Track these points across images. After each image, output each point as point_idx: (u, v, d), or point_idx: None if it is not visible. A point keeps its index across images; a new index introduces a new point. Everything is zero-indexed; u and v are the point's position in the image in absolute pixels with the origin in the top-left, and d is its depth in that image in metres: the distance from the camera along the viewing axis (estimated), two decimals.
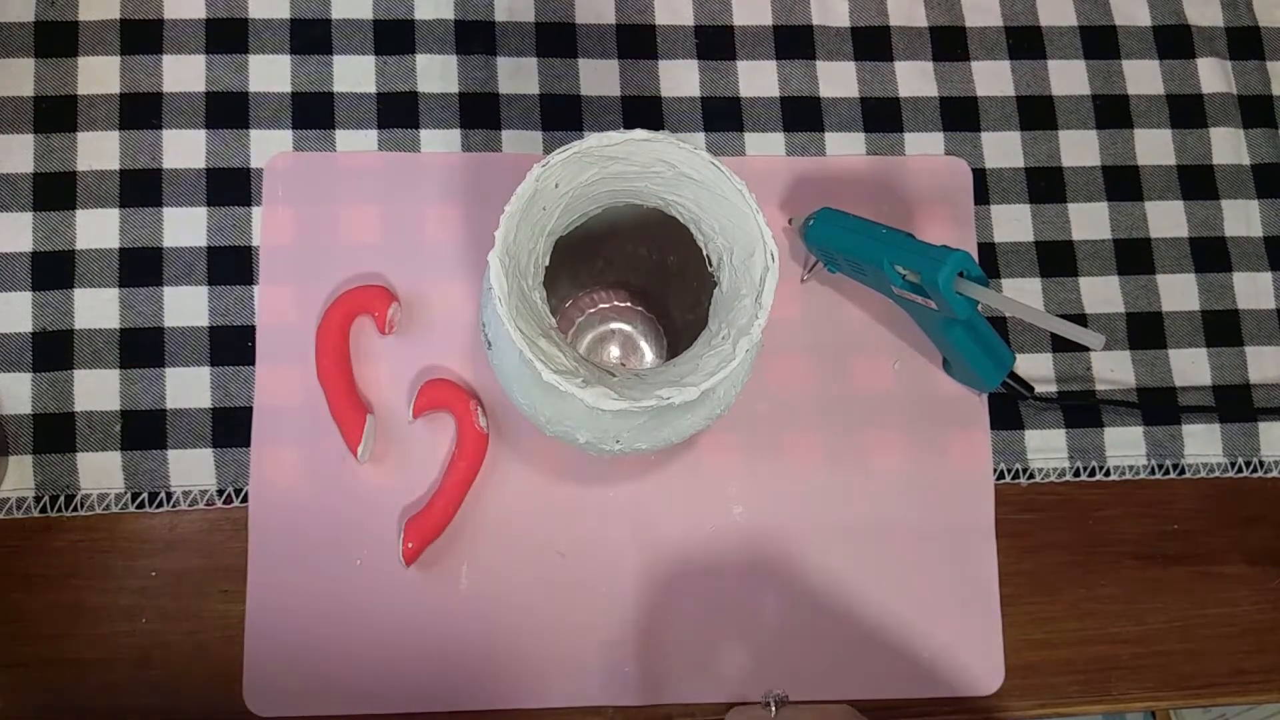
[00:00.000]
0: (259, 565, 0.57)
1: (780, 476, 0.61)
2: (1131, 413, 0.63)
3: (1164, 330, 0.65)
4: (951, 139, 0.66)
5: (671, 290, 0.60)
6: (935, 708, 0.59)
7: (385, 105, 0.63)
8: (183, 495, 0.58)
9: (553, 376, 0.42)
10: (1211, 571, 0.62)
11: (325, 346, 0.58)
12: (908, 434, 0.62)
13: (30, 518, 0.57)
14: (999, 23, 0.68)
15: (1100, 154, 0.67)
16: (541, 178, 0.44)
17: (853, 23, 0.67)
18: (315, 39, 0.63)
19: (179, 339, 0.59)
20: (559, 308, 0.61)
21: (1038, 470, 0.62)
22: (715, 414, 0.50)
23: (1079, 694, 0.60)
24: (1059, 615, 0.61)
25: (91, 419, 0.58)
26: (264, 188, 0.61)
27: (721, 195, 0.45)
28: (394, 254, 0.61)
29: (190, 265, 0.60)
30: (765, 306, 0.44)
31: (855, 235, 0.56)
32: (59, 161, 0.61)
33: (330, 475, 0.58)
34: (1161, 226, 0.66)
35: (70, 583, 0.57)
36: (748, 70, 0.66)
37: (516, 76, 0.64)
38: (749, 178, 0.46)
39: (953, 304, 0.51)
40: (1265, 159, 0.67)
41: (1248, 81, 0.69)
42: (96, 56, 0.62)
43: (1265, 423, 0.64)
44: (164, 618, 0.57)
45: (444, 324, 0.60)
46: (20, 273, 0.59)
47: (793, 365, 0.62)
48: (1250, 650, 0.62)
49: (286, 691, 0.56)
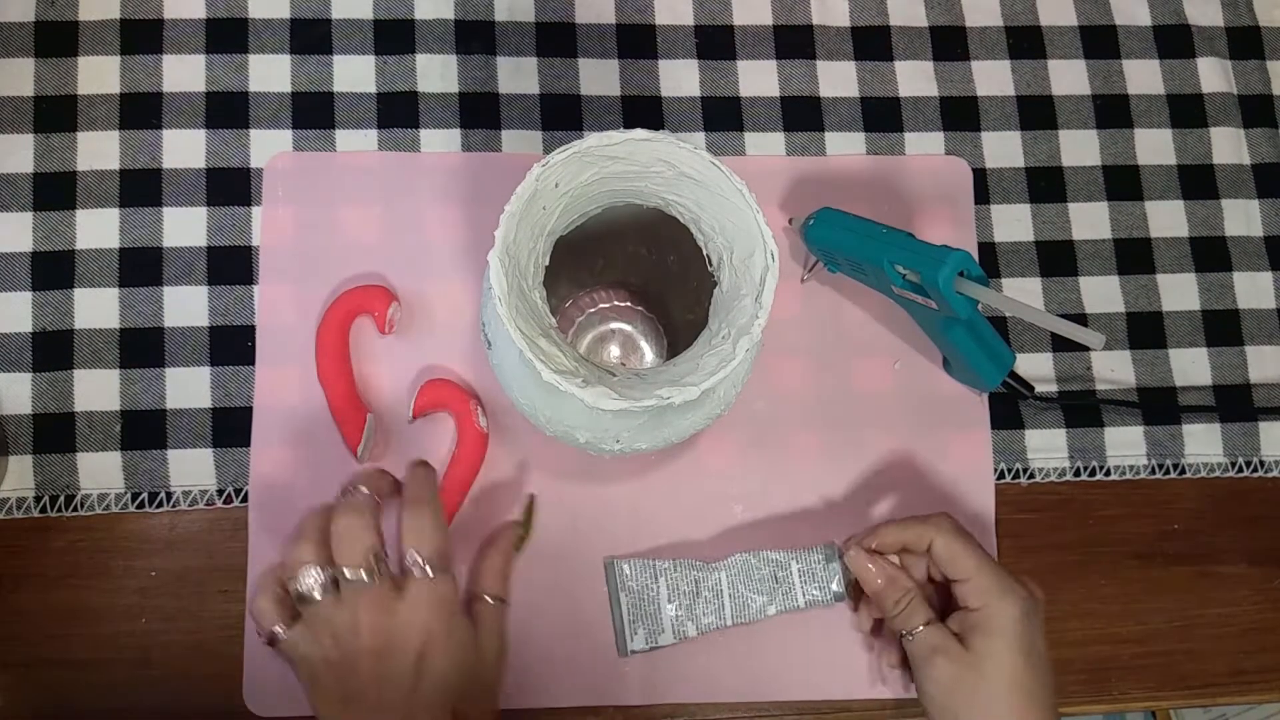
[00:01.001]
0: (259, 565, 0.57)
1: (780, 476, 0.61)
2: (1132, 412, 0.63)
3: (1164, 330, 0.65)
4: (951, 139, 0.66)
5: (671, 290, 0.60)
6: None
7: (385, 105, 0.63)
8: (183, 495, 0.58)
9: (553, 376, 0.42)
10: (1211, 571, 0.62)
11: (325, 346, 0.58)
12: (908, 434, 0.62)
13: (30, 518, 0.57)
14: (999, 23, 0.68)
15: (1100, 154, 0.67)
16: (541, 177, 0.44)
17: (853, 22, 0.67)
18: (315, 39, 0.63)
19: (179, 339, 0.59)
20: (559, 308, 0.61)
21: (1038, 470, 0.62)
22: (715, 414, 0.50)
23: (1079, 694, 0.60)
24: (1059, 615, 0.61)
25: (91, 419, 0.58)
26: (264, 188, 0.61)
27: (721, 195, 0.45)
28: (394, 254, 0.61)
29: (190, 265, 0.60)
30: (765, 306, 0.44)
31: (855, 235, 0.56)
32: (59, 161, 0.61)
33: (330, 475, 0.58)
34: (1162, 226, 0.66)
35: (70, 583, 0.57)
36: (748, 70, 0.66)
37: (516, 76, 0.64)
38: (749, 178, 0.46)
39: (953, 304, 0.51)
40: (1265, 159, 0.67)
41: (1248, 81, 0.69)
42: (96, 56, 0.62)
43: (1265, 422, 0.64)
44: (164, 618, 0.57)
45: (444, 324, 0.60)
46: (20, 273, 0.59)
47: (793, 365, 0.62)
48: (1250, 650, 0.62)
49: (286, 691, 0.56)
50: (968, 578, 0.51)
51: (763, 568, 0.57)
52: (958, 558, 0.51)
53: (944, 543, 0.51)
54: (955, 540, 0.51)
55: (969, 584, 0.51)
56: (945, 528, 0.52)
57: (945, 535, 0.52)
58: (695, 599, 0.57)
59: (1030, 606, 0.50)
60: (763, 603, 0.56)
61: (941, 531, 0.52)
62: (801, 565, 0.57)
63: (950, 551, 0.51)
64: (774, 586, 0.57)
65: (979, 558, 0.51)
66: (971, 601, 0.50)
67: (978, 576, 0.50)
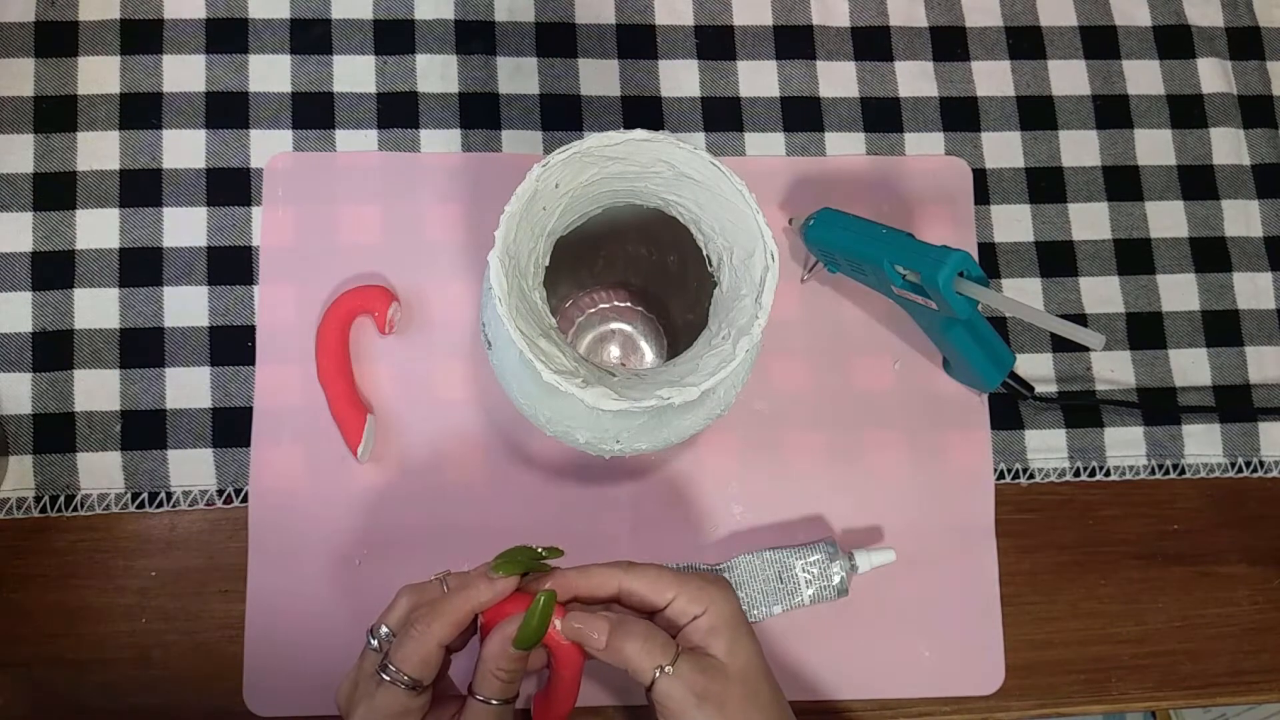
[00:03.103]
0: (259, 565, 0.57)
1: (780, 476, 0.61)
2: (1131, 413, 0.63)
3: (1164, 330, 0.65)
4: (951, 139, 0.66)
5: (671, 290, 0.60)
6: (935, 708, 0.59)
7: (385, 105, 0.63)
8: (183, 495, 0.58)
9: (553, 376, 0.42)
10: (1211, 571, 0.62)
11: (325, 346, 0.58)
12: (908, 434, 0.62)
13: (30, 518, 0.57)
14: (999, 23, 0.68)
15: (1100, 154, 0.67)
16: (541, 178, 0.44)
17: (853, 23, 0.67)
18: (315, 39, 0.63)
19: (179, 339, 0.59)
20: (559, 308, 0.61)
21: (1038, 470, 0.62)
22: (715, 414, 0.50)
23: (1079, 694, 0.60)
24: (1059, 615, 0.61)
25: (91, 419, 0.58)
26: (264, 188, 0.61)
27: (721, 195, 0.45)
28: (394, 254, 0.61)
29: (190, 265, 0.60)
30: (765, 306, 0.44)
31: (855, 235, 0.56)
32: (59, 161, 0.61)
33: (330, 475, 0.58)
34: (1161, 226, 0.66)
35: (70, 583, 0.57)
36: (748, 70, 0.66)
37: (516, 76, 0.64)
38: (749, 178, 0.46)
39: (953, 304, 0.51)
40: (1265, 159, 0.67)
41: (1248, 81, 0.69)
42: (96, 56, 0.62)
43: (1265, 423, 0.64)
44: (164, 618, 0.57)
45: (444, 324, 0.60)
46: (20, 273, 0.59)
47: (793, 365, 0.62)
48: (1250, 650, 0.62)
49: (286, 691, 0.56)
50: (675, 593, 0.47)
51: (767, 568, 0.57)
52: (655, 582, 0.47)
53: (634, 576, 0.47)
54: (644, 569, 0.47)
55: (678, 599, 0.46)
56: (625, 565, 0.48)
57: (631, 570, 0.47)
58: None
59: (736, 599, 0.48)
60: (769, 603, 0.56)
61: (625, 569, 0.47)
62: (804, 563, 0.57)
63: (645, 580, 0.47)
64: (779, 586, 0.57)
65: (672, 573, 0.47)
66: (692, 609, 0.46)
67: (684, 587, 0.47)
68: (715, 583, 0.47)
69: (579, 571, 0.47)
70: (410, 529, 0.58)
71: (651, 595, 0.47)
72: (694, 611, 0.46)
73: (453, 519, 0.58)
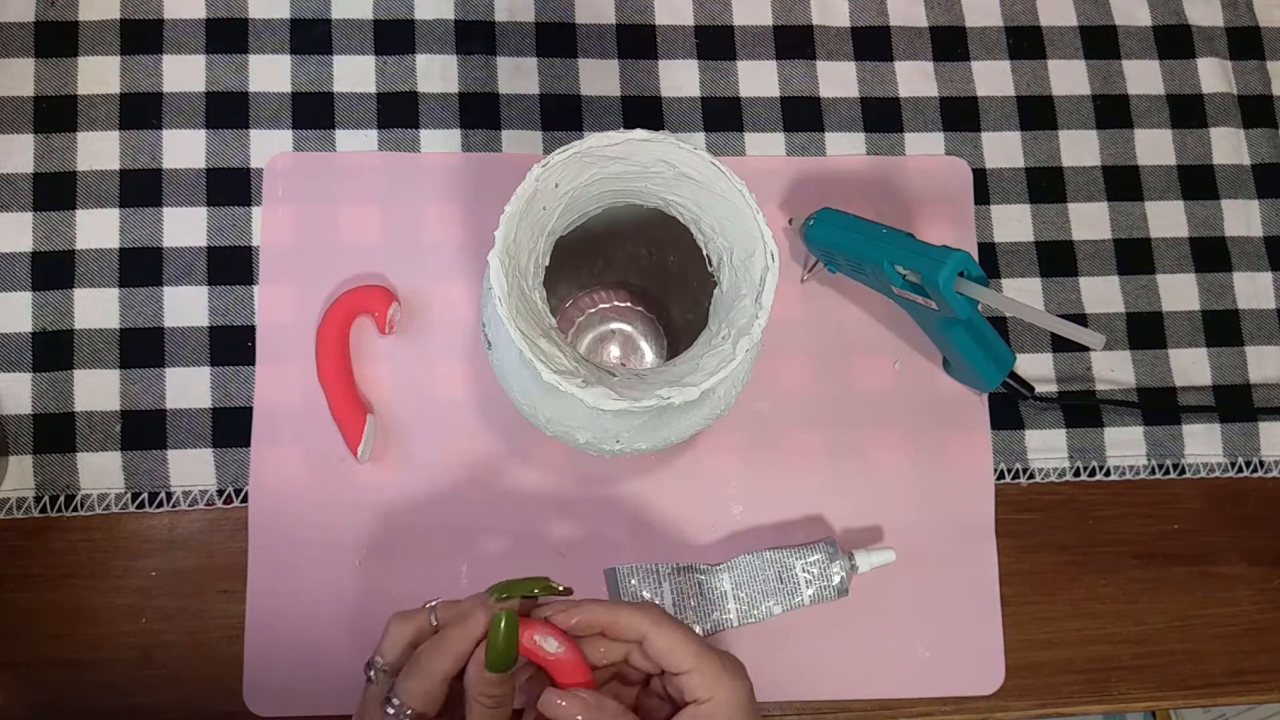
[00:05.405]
0: (259, 565, 0.57)
1: (780, 476, 0.61)
2: (1131, 413, 0.63)
3: (1164, 330, 0.65)
4: (951, 139, 0.66)
5: (671, 290, 0.60)
6: (935, 708, 0.59)
7: (385, 105, 0.63)
8: (183, 495, 0.58)
9: (553, 376, 0.42)
10: (1211, 571, 0.62)
11: (325, 346, 0.58)
12: (908, 434, 0.62)
13: (30, 518, 0.57)
14: (999, 23, 0.68)
15: (1100, 154, 0.67)
16: (541, 178, 0.44)
17: (853, 23, 0.67)
18: (315, 39, 0.63)
19: (179, 339, 0.59)
20: (559, 308, 0.61)
21: (1038, 470, 0.62)
22: (715, 414, 0.50)
23: (1079, 694, 0.60)
24: (1059, 615, 0.61)
25: (91, 419, 0.58)
26: (264, 188, 0.61)
27: (721, 195, 0.45)
28: (394, 254, 0.61)
29: (190, 265, 0.60)
30: (765, 306, 0.44)
31: (855, 235, 0.56)
32: (59, 161, 0.61)
33: (330, 475, 0.58)
34: (1161, 226, 0.66)
35: (70, 583, 0.57)
36: (748, 70, 0.66)
37: (516, 76, 0.64)
38: (749, 178, 0.46)
39: (953, 304, 0.51)
40: (1265, 159, 0.67)
41: (1248, 81, 0.69)
42: (96, 56, 0.62)
43: (1265, 423, 0.64)
44: (164, 617, 0.57)
45: (444, 324, 0.60)
46: (20, 273, 0.59)
47: (793, 365, 0.62)
48: (1250, 650, 0.62)
49: (286, 691, 0.56)
50: (690, 669, 0.45)
51: (767, 568, 0.57)
52: (677, 648, 0.45)
53: (661, 634, 0.45)
54: (673, 630, 0.45)
55: (692, 675, 0.44)
56: (657, 617, 0.46)
57: (661, 625, 0.45)
58: (700, 602, 0.57)
59: (750, 688, 0.46)
60: (769, 603, 0.56)
61: (655, 621, 0.45)
62: (804, 563, 0.57)
63: (669, 642, 0.45)
64: (779, 586, 0.57)
65: (697, 645, 0.45)
66: (699, 693, 0.44)
67: (702, 665, 0.45)
68: (732, 669, 0.45)
69: (606, 608, 0.45)
70: (410, 529, 0.58)
71: (669, 659, 0.45)
72: (701, 696, 0.45)
73: (452, 519, 0.58)
